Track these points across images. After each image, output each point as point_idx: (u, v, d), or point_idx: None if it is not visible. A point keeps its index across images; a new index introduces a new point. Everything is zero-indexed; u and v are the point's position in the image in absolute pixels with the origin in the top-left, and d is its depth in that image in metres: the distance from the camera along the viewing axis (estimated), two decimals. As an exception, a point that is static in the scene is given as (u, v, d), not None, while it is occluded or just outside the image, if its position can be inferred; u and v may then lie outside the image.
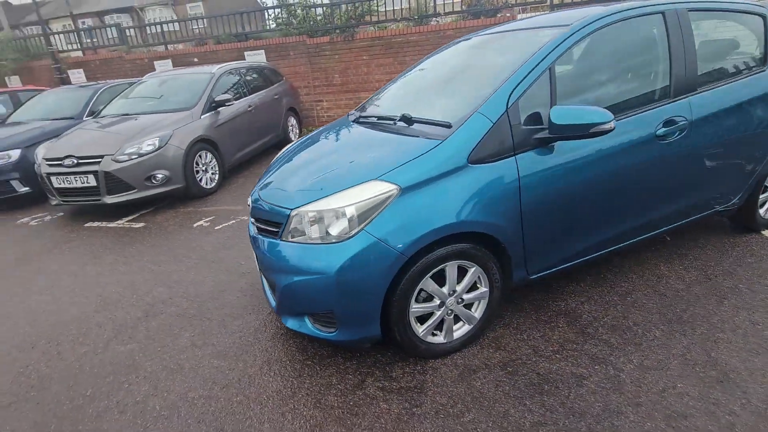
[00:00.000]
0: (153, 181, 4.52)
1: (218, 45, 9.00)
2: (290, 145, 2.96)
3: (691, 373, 1.88)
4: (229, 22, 9.33)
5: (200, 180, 4.97)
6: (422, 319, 2.03)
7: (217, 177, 5.21)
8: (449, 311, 2.04)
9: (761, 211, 2.93)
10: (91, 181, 4.37)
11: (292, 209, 1.95)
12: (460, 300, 2.04)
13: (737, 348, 2.00)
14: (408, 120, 2.24)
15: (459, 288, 2.01)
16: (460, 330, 2.12)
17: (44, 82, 9.78)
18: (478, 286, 2.08)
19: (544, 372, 1.96)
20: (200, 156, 4.97)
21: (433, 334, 2.08)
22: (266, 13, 9.97)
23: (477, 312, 2.12)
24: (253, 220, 2.30)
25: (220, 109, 5.42)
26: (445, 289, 1.98)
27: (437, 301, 1.99)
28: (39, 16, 9.97)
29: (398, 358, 2.13)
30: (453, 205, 1.83)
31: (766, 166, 2.66)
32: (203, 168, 5.02)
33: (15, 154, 5.20)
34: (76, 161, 4.41)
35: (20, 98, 7.26)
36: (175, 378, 2.14)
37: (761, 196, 2.86)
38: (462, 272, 2.01)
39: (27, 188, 5.22)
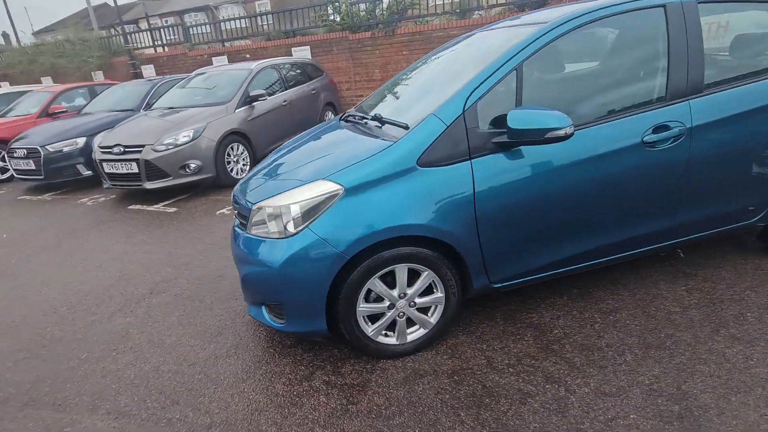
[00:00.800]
0: (187, 169, 4.91)
1: (268, 42, 9.45)
2: (287, 142, 3.08)
3: (651, 404, 1.72)
4: (279, 19, 9.74)
5: (231, 170, 5.30)
6: (376, 318, 2.05)
7: (248, 168, 5.53)
8: (401, 313, 2.04)
9: (798, 232, 2.56)
10: (134, 168, 4.86)
11: (254, 203, 2.05)
12: (412, 303, 2.03)
13: (716, 383, 1.79)
14: (380, 120, 2.25)
15: (410, 291, 2.00)
16: (415, 333, 2.11)
17: (122, 77, 10.88)
18: (434, 290, 2.05)
19: (491, 385, 1.90)
20: (232, 148, 5.30)
21: (386, 335, 2.09)
22: (330, 8, 10.18)
23: (433, 317, 2.09)
24: (236, 213, 2.45)
25: (255, 103, 5.71)
26: (395, 292, 1.98)
27: (387, 303, 2.00)
28: (120, 19, 11.09)
29: (352, 355, 2.17)
30: (397, 208, 1.83)
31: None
32: (234, 159, 5.35)
33: (81, 141, 5.90)
34: (122, 149, 4.91)
35: (96, 92, 8.17)
36: (155, 351, 2.36)
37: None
38: (416, 275, 1.99)
39: (89, 172, 5.89)
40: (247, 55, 9.57)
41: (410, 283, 2.00)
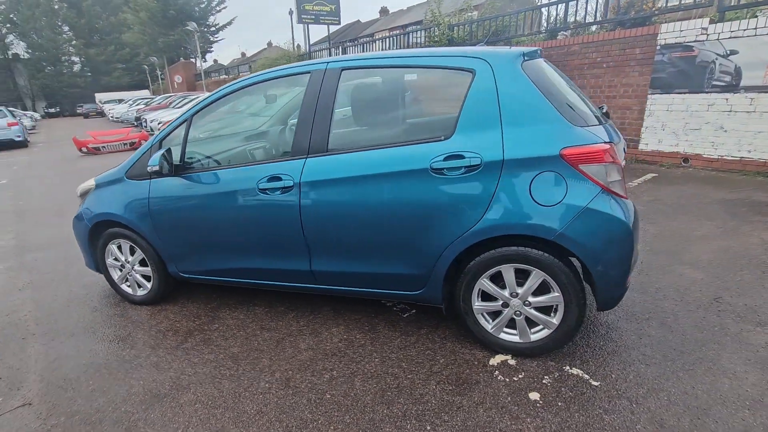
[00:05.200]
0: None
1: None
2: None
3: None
4: (395, 41, 10.80)
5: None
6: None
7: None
8: (130, 274, 3.03)
9: (488, 326, 2.20)
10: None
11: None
12: (135, 270, 3.00)
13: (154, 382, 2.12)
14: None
15: (130, 260, 2.97)
16: (141, 291, 3.05)
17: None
18: (148, 265, 2.95)
19: (126, 328, 2.75)
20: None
21: (129, 287, 3.11)
22: (436, 29, 10.72)
23: (150, 283, 3.00)
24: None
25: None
26: (122, 258, 3.00)
27: (120, 263, 3.03)
28: (306, 42, 14.31)
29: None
30: (108, 202, 2.84)
31: (446, 260, 2.09)
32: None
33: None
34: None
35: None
36: (21, 273, 3.92)
37: (479, 304, 2.17)
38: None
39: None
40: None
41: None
